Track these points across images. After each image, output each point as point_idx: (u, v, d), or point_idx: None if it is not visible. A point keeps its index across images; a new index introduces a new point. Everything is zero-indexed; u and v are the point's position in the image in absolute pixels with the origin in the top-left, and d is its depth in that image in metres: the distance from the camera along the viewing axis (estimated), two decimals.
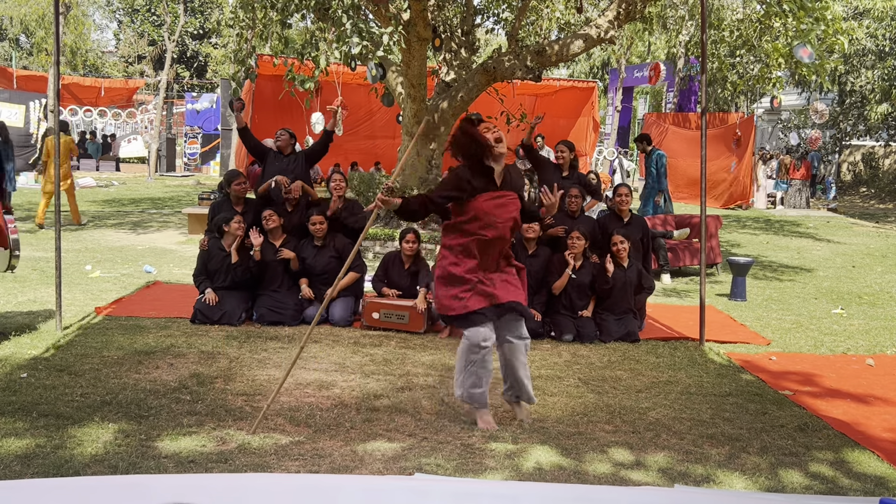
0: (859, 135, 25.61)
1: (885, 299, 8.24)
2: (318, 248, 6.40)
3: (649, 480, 3.40)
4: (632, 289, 6.19)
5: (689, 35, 22.12)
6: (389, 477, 3.19)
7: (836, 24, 9.41)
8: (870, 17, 22.05)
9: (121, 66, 37.92)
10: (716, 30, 13.40)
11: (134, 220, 12.70)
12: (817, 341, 6.25)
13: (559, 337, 5.99)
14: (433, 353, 5.48)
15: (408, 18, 9.53)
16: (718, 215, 10.70)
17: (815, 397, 4.74)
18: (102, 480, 3.13)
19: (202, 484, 3.11)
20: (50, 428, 3.69)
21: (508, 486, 3.20)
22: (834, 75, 23.01)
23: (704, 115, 6.07)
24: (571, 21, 13.75)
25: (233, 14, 9.99)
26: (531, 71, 9.98)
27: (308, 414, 4.06)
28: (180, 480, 3.14)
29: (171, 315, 6.19)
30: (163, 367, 4.80)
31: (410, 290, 6.30)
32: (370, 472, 3.35)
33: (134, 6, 37.43)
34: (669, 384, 4.91)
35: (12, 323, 5.76)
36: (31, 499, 2.96)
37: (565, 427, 4.05)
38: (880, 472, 3.61)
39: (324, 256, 6.36)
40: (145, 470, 3.26)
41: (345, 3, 8.03)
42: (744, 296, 7.92)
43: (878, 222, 17.21)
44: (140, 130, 26.26)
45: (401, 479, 3.16)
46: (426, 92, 10.36)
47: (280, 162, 7.06)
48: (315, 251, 6.39)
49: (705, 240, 6.11)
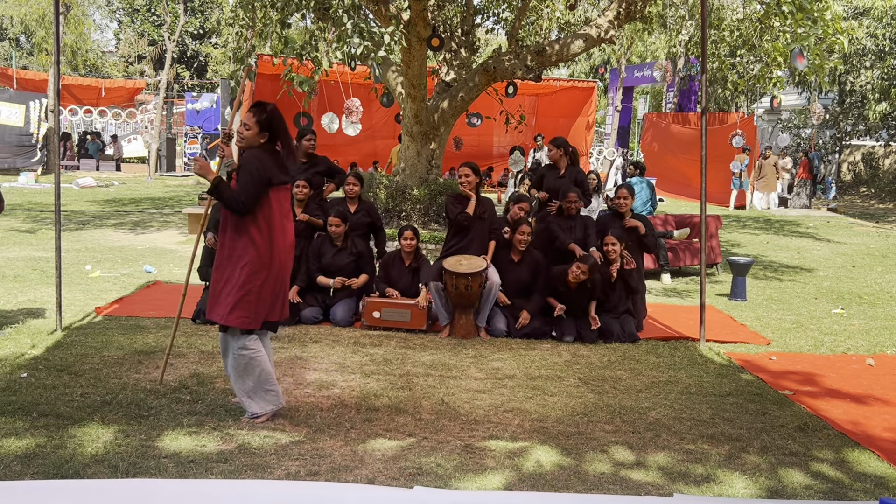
0: (859, 135, 25.61)
1: (885, 299, 8.24)
2: (337, 249, 6.43)
3: (649, 480, 3.40)
4: (628, 288, 6.20)
5: (689, 35, 22.13)
6: (388, 489, 3.18)
7: (835, 23, 9.41)
8: (870, 16, 22.05)
9: (121, 66, 37.93)
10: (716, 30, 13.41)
11: (134, 220, 12.70)
12: (817, 341, 6.25)
13: (560, 338, 5.99)
14: (433, 353, 5.48)
15: (408, 18, 9.53)
16: (718, 215, 10.70)
17: (815, 397, 4.74)
18: (104, 483, 3.13)
19: (201, 489, 3.11)
20: (50, 428, 3.69)
21: (508, 497, 3.19)
22: (834, 75, 23.01)
23: (704, 115, 6.07)
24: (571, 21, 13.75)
25: (233, 13, 10.00)
26: (531, 71, 9.99)
27: (308, 414, 4.06)
28: (180, 486, 3.14)
29: (172, 315, 6.18)
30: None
31: (412, 288, 6.31)
32: (370, 472, 3.35)
33: (134, 6, 37.43)
34: (669, 384, 4.91)
35: (12, 323, 5.76)
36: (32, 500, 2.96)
37: (565, 427, 4.05)
38: (880, 472, 3.61)
39: (343, 257, 6.41)
40: (145, 470, 3.26)
41: (345, 3, 8.03)
42: (744, 296, 7.92)
43: (878, 222, 17.21)
44: (140, 130, 26.26)
45: (400, 492, 3.16)
46: (426, 92, 10.36)
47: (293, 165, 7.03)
48: (334, 251, 6.43)
49: (705, 240, 6.11)
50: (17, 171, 20.46)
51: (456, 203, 6.37)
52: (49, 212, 12.84)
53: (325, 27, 10.05)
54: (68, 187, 17.58)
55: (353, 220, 6.66)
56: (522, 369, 5.15)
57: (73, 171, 22.16)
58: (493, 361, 5.34)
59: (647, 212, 10.47)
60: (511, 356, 5.49)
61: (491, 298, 6.06)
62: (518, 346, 5.82)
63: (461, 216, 6.27)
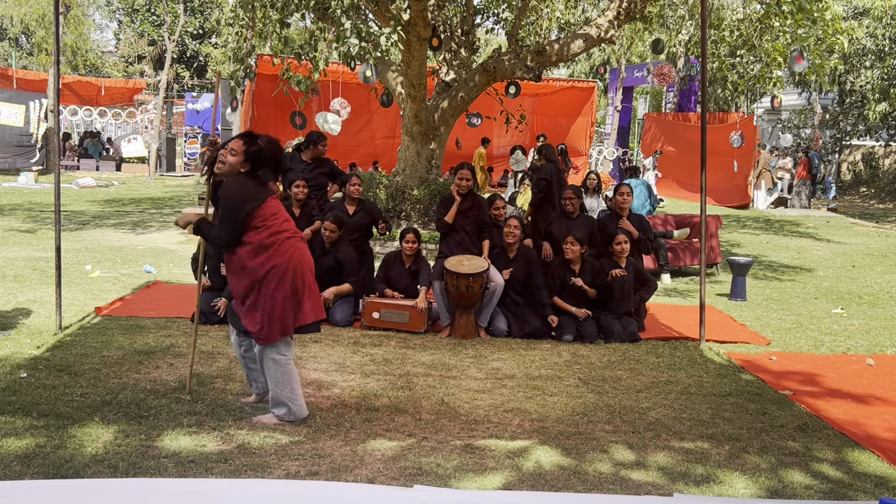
0: (859, 135, 25.60)
1: (885, 299, 8.24)
2: (323, 252, 6.40)
3: (649, 480, 3.40)
4: (630, 288, 6.19)
5: (688, 35, 22.11)
6: (388, 487, 3.18)
7: (835, 23, 9.41)
8: (869, 16, 22.05)
9: (121, 65, 37.92)
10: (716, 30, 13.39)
11: (134, 220, 12.70)
12: (817, 341, 6.25)
13: (559, 337, 5.99)
14: (433, 353, 5.48)
15: (408, 18, 9.53)
16: (718, 215, 10.69)
17: (815, 397, 4.74)
18: (104, 483, 3.13)
19: (201, 489, 3.11)
20: (50, 428, 3.69)
21: (508, 497, 3.19)
22: (834, 75, 23.00)
23: (704, 115, 6.07)
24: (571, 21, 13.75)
25: (232, 13, 10.00)
26: (531, 71, 9.99)
27: (308, 414, 4.06)
28: (179, 485, 3.13)
29: (171, 315, 6.19)
30: (163, 367, 4.80)
31: (411, 290, 6.30)
32: (370, 472, 3.35)
33: (134, 6, 37.42)
34: (669, 384, 4.91)
35: (12, 323, 5.76)
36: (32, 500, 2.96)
37: (565, 427, 4.05)
38: (880, 472, 3.61)
39: (327, 260, 6.38)
40: (145, 470, 3.26)
41: (344, 3, 8.03)
42: (744, 296, 7.92)
43: (878, 222, 17.21)
44: (140, 130, 26.26)
45: (400, 490, 3.16)
46: (426, 92, 10.35)
47: (298, 165, 7.07)
48: (319, 253, 6.39)
49: (705, 240, 6.11)
50: (17, 171, 20.46)
51: (441, 207, 6.55)
52: (49, 212, 12.84)
53: (324, 27, 10.06)
54: (68, 187, 17.57)
55: (353, 221, 6.66)
56: (522, 369, 5.15)
57: (73, 171, 22.16)
58: (493, 361, 5.34)
59: (647, 211, 10.47)
60: (511, 356, 5.49)
61: (494, 300, 6.07)
62: (518, 346, 5.81)
63: (438, 224, 6.49)
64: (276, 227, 3.86)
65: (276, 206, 3.93)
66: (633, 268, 6.24)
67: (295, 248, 3.91)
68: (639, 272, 6.30)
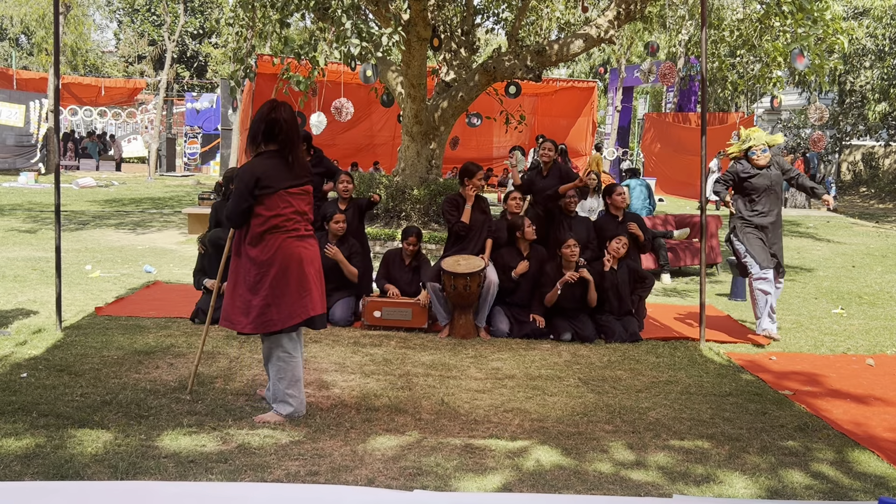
0: (859, 135, 25.61)
1: (885, 299, 8.24)
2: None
3: (649, 480, 3.40)
4: (626, 288, 6.19)
5: (688, 35, 22.12)
6: (388, 491, 3.18)
7: (835, 23, 9.41)
8: (869, 16, 22.05)
9: (121, 66, 37.92)
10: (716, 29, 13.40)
11: (134, 220, 12.70)
12: (817, 341, 6.25)
13: (557, 337, 5.99)
14: (433, 353, 5.48)
15: (408, 18, 9.53)
16: (719, 215, 10.70)
17: (815, 397, 4.73)
18: (104, 484, 3.13)
19: (200, 492, 3.10)
20: (50, 428, 3.69)
21: (508, 498, 3.19)
22: (834, 75, 23.00)
23: (704, 115, 6.07)
24: (571, 21, 13.76)
25: (232, 13, 10.00)
26: (531, 71, 9.99)
27: (308, 414, 4.06)
28: (179, 488, 3.13)
29: (171, 315, 6.19)
30: (163, 367, 4.80)
31: (412, 286, 6.32)
32: (370, 472, 3.35)
33: (134, 6, 37.43)
34: (669, 384, 4.91)
35: (12, 323, 5.76)
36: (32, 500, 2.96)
37: (565, 427, 4.05)
38: (880, 472, 3.61)
39: None
40: (145, 470, 3.26)
41: (344, 4, 8.03)
42: (744, 296, 7.91)
43: (877, 222, 17.21)
44: (140, 130, 26.26)
45: (400, 494, 3.15)
46: (426, 92, 10.36)
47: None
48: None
49: (705, 240, 6.11)
50: (17, 171, 20.46)
51: (452, 209, 6.33)
52: (49, 212, 12.84)
53: (324, 27, 10.05)
54: (68, 187, 17.58)
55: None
56: (522, 369, 5.15)
57: (73, 171, 22.16)
58: (493, 361, 5.34)
59: (647, 212, 10.47)
60: (511, 356, 5.49)
61: (490, 298, 6.06)
62: (518, 346, 5.81)
63: (458, 226, 6.24)
64: (279, 222, 3.85)
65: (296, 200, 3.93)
66: (625, 267, 6.23)
67: (295, 246, 3.90)
68: (634, 271, 6.29)
